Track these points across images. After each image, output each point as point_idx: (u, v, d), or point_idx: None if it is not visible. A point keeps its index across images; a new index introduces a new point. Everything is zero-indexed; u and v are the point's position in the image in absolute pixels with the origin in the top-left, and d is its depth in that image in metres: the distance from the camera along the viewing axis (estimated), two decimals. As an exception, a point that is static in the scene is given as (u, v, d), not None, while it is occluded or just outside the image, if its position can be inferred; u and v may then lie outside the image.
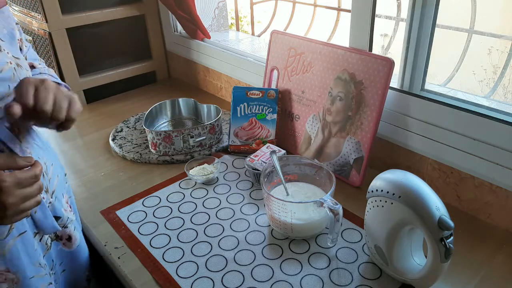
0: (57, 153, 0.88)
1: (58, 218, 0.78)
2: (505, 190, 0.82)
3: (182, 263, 0.79)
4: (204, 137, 1.13)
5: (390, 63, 0.90)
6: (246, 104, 1.13)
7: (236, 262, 0.79)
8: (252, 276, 0.76)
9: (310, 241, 0.83)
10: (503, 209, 0.84)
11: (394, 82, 0.99)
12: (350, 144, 0.98)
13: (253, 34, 1.78)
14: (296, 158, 0.93)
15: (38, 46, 1.49)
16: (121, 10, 1.53)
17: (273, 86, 1.20)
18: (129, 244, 0.85)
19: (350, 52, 0.97)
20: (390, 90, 0.94)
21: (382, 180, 0.70)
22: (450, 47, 1.43)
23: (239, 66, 1.37)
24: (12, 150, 0.68)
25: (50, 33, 1.39)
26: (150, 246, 0.84)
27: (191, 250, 0.82)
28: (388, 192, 0.67)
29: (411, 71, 0.97)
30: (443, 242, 0.62)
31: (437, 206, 0.63)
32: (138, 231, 0.88)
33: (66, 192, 0.85)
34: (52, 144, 0.85)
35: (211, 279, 0.76)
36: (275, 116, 1.12)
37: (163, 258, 0.81)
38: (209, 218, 0.91)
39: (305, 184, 0.91)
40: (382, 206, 0.69)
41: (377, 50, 1.12)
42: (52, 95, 0.63)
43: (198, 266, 0.79)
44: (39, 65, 0.84)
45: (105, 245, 0.85)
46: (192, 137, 1.11)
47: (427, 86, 0.97)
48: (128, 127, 1.30)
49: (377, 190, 0.70)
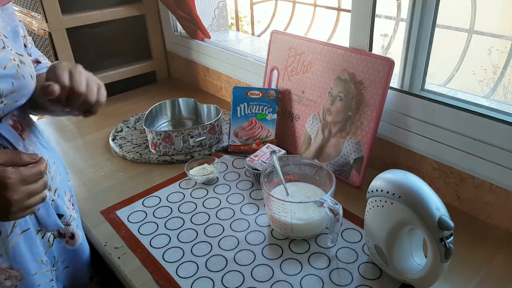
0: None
1: (61, 216, 0.78)
2: (505, 190, 0.82)
3: (182, 263, 0.79)
4: (204, 137, 1.13)
5: (390, 63, 0.90)
6: (246, 104, 1.13)
7: (236, 262, 0.79)
8: (252, 276, 0.76)
9: (310, 241, 0.83)
10: (503, 209, 0.84)
11: (394, 82, 0.99)
12: (350, 144, 0.98)
13: (253, 34, 1.78)
14: (296, 158, 0.93)
15: (38, 46, 1.49)
16: (121, 10, 1.53)
17: (273, 86, 1.20)
18: (129, 244, 0.85)
19: (350, 52, 0.97)
20: (390, 90, 0.94)
21: (382, 180, 0.70)
22: (450, 47, 1.43)
23: (239, 66, 1.37)
24: (15, 148, 0.68)
25: (50, 33, 1.39)
26: (150, 246, 0.84)
27: (191, 250, 0.82)
28: (388, 192, 0.67)
29: (411, 71, 0.97)
30: (443, 242, 0.62)
31: (437, 206, 0.63)
32: (138, 231, 0.88)
33: (68, 190, 0.85)
34: (52, 144, 0.85)
35: (211, 279, 0.76)
36: (275, 116, 1.12)
37: (163, 258, 0.81)
38: (209, 218, 0.91)
39: (305, 184, 0.91)
40: (382, 206, 0.69)
41: (377, 50, 1.12)
42: (85, 78, 0.66)
43: (198, 266, 0.79)
44: (44, 60, 0.86)
45: (105, 245, 0.85)
46: (192, 137, 1.11)
47: (427, 86, 0.97)
48: (128, 127, 1.30)
49: (377, 190, 0.70)
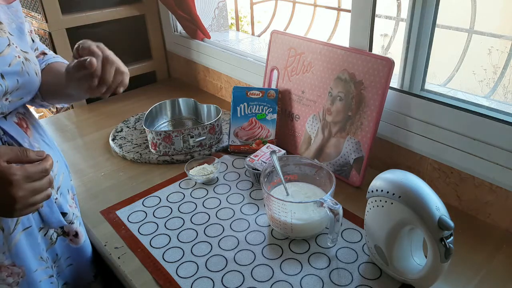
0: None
1: (64, 214, 0.79)
2: (505, 190, 0.82)
3: (182, 263, 0.79)
4: (204, 137, 1.13)
5: (390, 63, 0.90)
6: (246, 104, 1.13)
7: (236, 262, 0.79)
8: (252, 276, 0.76)
9: (310, 241, 0.83)
10: (503, 209, 0.84)
11: (394, 82, 0.99)
12: (350, 144, 0.98)
13: (253, 34, 1.78)
14: (296, 158, 0.93)
15: (38, 46, 1.49)
16: (121, 10, 1.53)
17: (273, 86, 1.20)
18: (129, 244, 0.85)
19: (350, 52, 0.97)
20: (390, 90, 0.94)
21: (382, 180, 0.70)
22: (450, 47, 1.43)
23: (239, 66, 1.37)
24: (21, 145, 0.69)
25: (50, 33, 1.39)
26: (150, 246, 0.84)
27: (191, 250, 0.82)
28: (388, 192, 0.67)
29: (411, 71, 0.97)
30: (443, 242, 0.62)
31: (437, 206, 0.63)
32: (138, 231, 0.88)
33: (70, 189, 0.85)
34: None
35: (211, 279, 0.76)
36: (275, 116, 1.12)
37: (163, 258, 0.81)
38: (209, 218, 0.91)
39: (305, 184, 0.91)
40: (382, 206, 0.69)
41: (377, 50, 1.12)
42: (113, 56, 0.69)
43: (198, 266, 0.79)
44: (49, 52, 0.87)
45: (105, 245, 0.85)
46: (192, 137, 1.11)
47: (427, 86, 0.97)
48: (128, 127, 1.30)
49: (377, 190, 0.70)
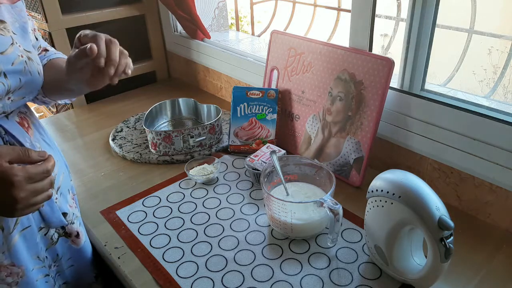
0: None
1: (64, 214, 0.79)
2: (505, 190, 0.82)
3: (182, 263, 0.79)
4: (204, 137, 1.13)
5: (390, 63, 0.90)
6: (246, 104, 1.13)
7: (236, 262, 0.79)
8: (252, 276, 0.76)
9: (310, 241, 0.83)
10: (503, 209, 0.84)
11: (394, 82, 0.99)
12: (350, 144, 0.98)
13: (253, 34, 1.78)
14: (296, 158, 0.93)
15: (38, 46, 1.49)
16: (121, 10, 1.53)
17: (273, 86, 1.20)
18: (129, 244, 0.85)
19: (350, 52, 0.97)
20: (390, 90, 0.94)
21: (382, 180, 0.70)
22: (450, 47, 1.43)
23: (239, 66, 1.37)
24: (22, 145, 0.69)
25: (50, 33, 1.39)
26: (150, 246, 0.84)
27: (191, 250, 0.82)
28: (388, 192, 0.67)
29: (411, 71, 0.97)
30: (443, 242, 0.62)
31: (437, 206, 0.63)
32: (138, 231, 0.88)
33: (71, 188, 0.85)
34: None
35: (211, 279, 0.76)
36: (275, 116, 1.12)
37: (163, 258, 0.81)
38: (209, 218, 0.91)
39: (305, 184, 0.91)
40: (382, 206, 0.69)
41: (377, 50, 1.12)
42: (118, 49, 0.71)
43: (198, 266, 0.78)
44: (51, 49, 0.87)
45: (105, 245, 0.85)
46: (192, 137, 1.11)
47: (427, 86, 0.97)
48: (128, 127, 1.30)
49: (377, 190, 0.70)
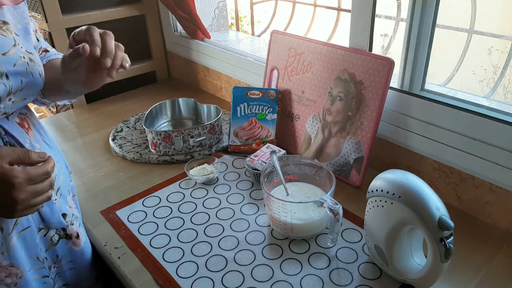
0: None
1: (64, 215, 0.79)
2: (505, 190, 0.82)
3: (182, 263, 0.79)
4: (204, 137, 1.13)
5: (390, 63, 0.90)
6: (246, 104, 1.13)
7: (236, 262, 0.79)
8: (252, 276, 0.76)
9: (310, 241, 0.83)
10: (503, 209, 0.84)
11: (394, 82, 0.99)
12: (350, 144, 0.98)
13: (253, 34, 1.78)
14: (296, 158, 0.93)
15: (38, 46, 1.50)
16: (121, 10, 1.53)
17: (273, 86, 1.20)
18: (129, 244, 0.85)
19: (350, 52, 0.97)
20: (390, 90, 0.94)
21: (382, 180, 0.70)
22: (450, 47, 1.43)
23: (239, 66, 1.37)
24: (22, 145, 0.69)
25: (50, 33, 1.39)
26: (150, 246, 0.84)
27: (191, 250, 0.82)
28: (388, 192, 0.67)
29: (411, 71, 0.97)
30: (443, 242, 0.62)
31: (437, 206, 0.63)
32: (138, 231, 0.88)
33: (71, 189, 0.85)
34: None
35: (211, 279, 0.76)
36: (275, 116, 1.12)
37: (163, 258, 0.81)
38: (209, 218, 0.91)
39: (305, 184, 0.91)
40: (382, 206, 0.69)
41: (377, 50, 1.12)
42: (113, 41, 0.70)
43: (198, 266, 0.78)
44: (51, 49, 0.88)
45: (105, 245, 0.85)
46: (192, 137, 1.11)
47: (427, 86, 0.97)
48: (128, 127, 1.30)
49: (377, 190, 0.70)
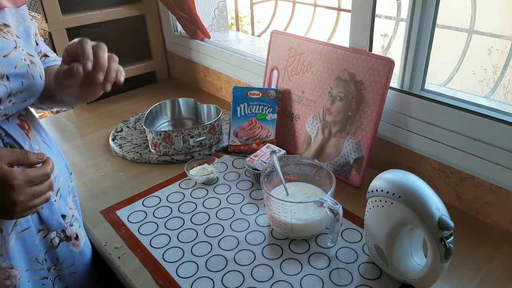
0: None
1: (63, 216, 0.79)
2: (505, 190, 0.82)
3: (182, 263, 0.79)
4: (204, 137, 1.13)
5: (390, 63, 0.90)
6: (246, 104, 1.13)
7: (236, 262, 0.79)
8: (252, 276, 0.76)
9: (310, 241, 0.83)
10: (503, 209, 0.84)
11: (394, 82, 0.99)
12: (350, 144, 0.98)
13: (253, 34, 1.78)
14: (296, 158, 0.93)
15: (38, 46, 1.50)
16: (121, 10, 1.53)
17: (273, 86, 1.20)
18: (129, 244, 0.85)
19: (350, 52, 0.97)
20: (390, 90, 0.94)
21: (382, 180, 0.70)
22: (450, 47, 1.43)
23: (239, 66, 1.37)
24: (22, 147, 0.69)
25: (50, 33, 1.39)
26: (150, 246, 0.84)
27: (191, 250, 0.82)
28: (388, 192, 0.67)
29: (411, 71, 0.97)
30: (443, 242, 0.62)
31: (437, 206, 0.63)
32: (138, 231, 0.88)
33: (71, 190, 0.85)
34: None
35: (211, 279, 0.76)
36: (275, 116, 1.12)
37: (163, 258, 0.81)
38: (209, 218, 0.91)
39: (305, 184, 0.91)
40: (382, 206, 0.69)
41: (377, 50, 1.12)
42: (106, 54, 0.70)
43: (198, 266, 0.79)
44: (52, 54, 0.87)
45: (105, 245, 0.85)
46: (192, 137, 1.11)
47: (427, 86, 0.97)
48: (128, 127, 1.30)
49: (377, 190, 0.70)
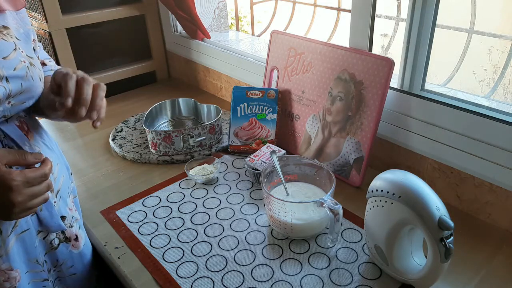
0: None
1: (63, 218, 0.79)
2: (505, 190, 0.82)
3: (182, 263, 0.79)
4: (204, 137, 1.13)
5: (390, 63, 0.90)
6: (246, 104, 1.13)
7: (236, 262, 0.79)
8: (252, 276, 0.76)
9: (310, 241, 0.83)
10: (503, 209, 0.84)
11: (394, 82, 0.99)
12: (350, 144, 0.98)
13: (253, 34, 1.77)
14: (296, 158, 0.93)
15: (38, 46, 1.49)
16: (121, 10, 1.53)
17: (273, 86, 1.20)
18: (129, 244, 0.85)
19: (350, 52, 0.97)
20: (390, 90, 0.94)
21: (382, 180, 0.70)
22: (450, 47, 1.43)
23: (239, 66, 1.37)
24: (21, 148, 0.69)
25: (50, 33, 1.39)
26: (150, 246, 0.84)
27: (191, 250, 0.82)
28: (388, 192, 0.67)
29: (411, 71, 0.97)
30: (443, 242, 0.62)
31: (437, 206, 0.63)
32: (138, 231, 0.88)
33: (71, 191, 0.85)
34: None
35: (211, 279, 0.76)
36: (275, 116, 1.12)
37: (163, 258, 0.81)
38: (209, 218, 0.91)
39: (305, 184, 0.91)
40: (382, 206, 0.69)
41: (377, 50, 1.12)
42: (90, 90, 0.68)
43: (198, 266, 0.79)
44: (50, 62, 0.87)
45: (105, 245, 0.85)
46: (192, 137, 1.11)
47: (427, 86, 0.97)
48: (128, 127, 1.30)
49: (377, 190, 0.70)
